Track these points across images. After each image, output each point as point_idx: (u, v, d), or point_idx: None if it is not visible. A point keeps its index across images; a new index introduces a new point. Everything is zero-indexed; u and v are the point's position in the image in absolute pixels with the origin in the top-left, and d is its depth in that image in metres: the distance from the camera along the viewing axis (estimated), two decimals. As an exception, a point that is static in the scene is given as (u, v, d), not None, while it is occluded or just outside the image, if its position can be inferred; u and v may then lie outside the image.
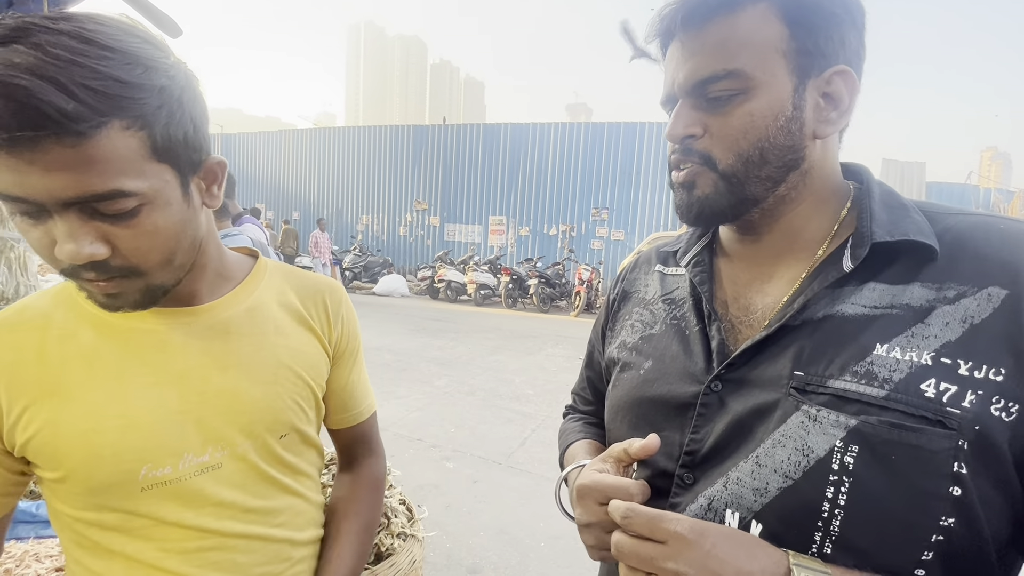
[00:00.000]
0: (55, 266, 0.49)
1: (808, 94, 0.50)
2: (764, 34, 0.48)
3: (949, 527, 0.41)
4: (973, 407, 0.41)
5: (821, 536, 0.44)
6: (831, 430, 0.44)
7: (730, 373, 0.52)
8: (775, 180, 0.52)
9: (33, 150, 0.42)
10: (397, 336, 6.91)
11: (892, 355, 0.44)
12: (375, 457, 0.81)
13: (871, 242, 0.48)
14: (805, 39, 0.48)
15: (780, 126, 0.49)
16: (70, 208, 0.45)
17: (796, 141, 0.50)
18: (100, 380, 0.55)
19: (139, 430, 0.55)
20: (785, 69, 0.49)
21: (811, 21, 0.48)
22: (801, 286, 0.51)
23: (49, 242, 0.47)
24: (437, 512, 2.63)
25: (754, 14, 0.48)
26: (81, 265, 0.47)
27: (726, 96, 0.50)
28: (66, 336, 0.56)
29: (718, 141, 0.51)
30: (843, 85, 0.50)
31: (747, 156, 0.50)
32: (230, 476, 0.60)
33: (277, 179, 16.78)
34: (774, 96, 0.49)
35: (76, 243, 0.46)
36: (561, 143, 13.14)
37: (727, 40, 0.49)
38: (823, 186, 0.54)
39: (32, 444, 0.53)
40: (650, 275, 0.69)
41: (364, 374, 0.80)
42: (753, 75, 0.48)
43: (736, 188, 0.52)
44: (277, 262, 0.74)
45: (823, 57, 0.49)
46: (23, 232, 0.48)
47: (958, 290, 0.45)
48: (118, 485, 0.54)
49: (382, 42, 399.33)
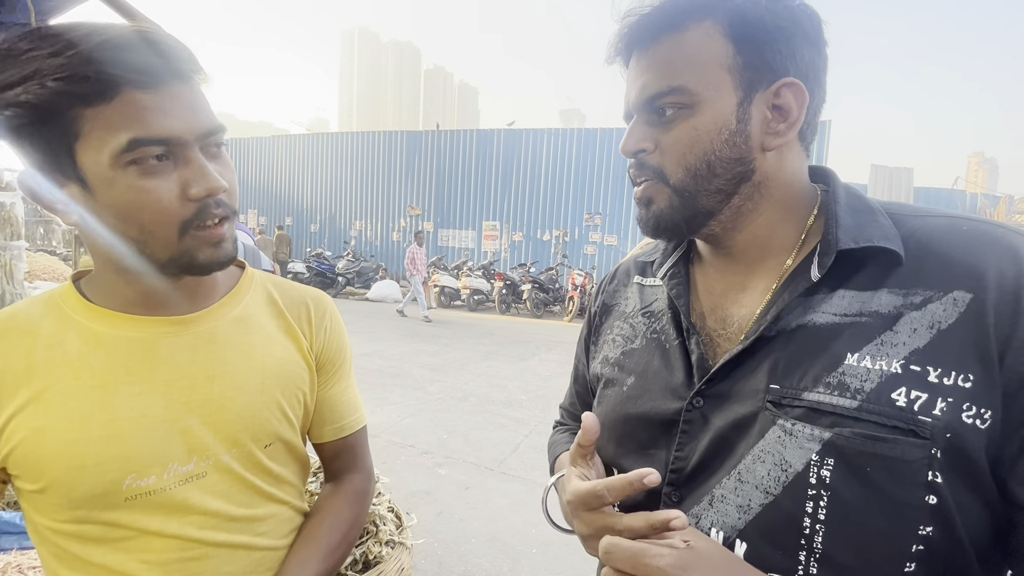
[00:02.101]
0: (183, 213, 0.53)
1: (755, 108, 0.50)
2: (709, 51, 0.49)
3: (928, 536, 0.41)
4: (944, 415, 0.41)
5: (806, 555, 0.44)
6: (806, 444, 0.44)
7: (711, 388, 0.52)
8: (726, 192, 0.52)
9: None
10: (390, 342, 6.89)
11: (863, 364, 0.44)
12: (361, 473, 0.78)
13: (837, 249, 0.48)
14: (750, 54, 0.49)
15: (724, 139, 0.50)
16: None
17: (743, 153, 0.51)
18: (86, 389, 0.55)
19: (124, 440, 0.55)
20: (730, 84, 0.49)
21: (757, 36, 0.49)
22: (773, 296, 0.52)
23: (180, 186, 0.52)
24: (429, 519, 2.62)
25: (699, 32, 0.49)
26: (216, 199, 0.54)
27: (673, 111, 0.51)
28: (54, 344, 0.55)
29: (668, 156, 0.52)
30: (792, 97, 0.50)
31: (695, 170, 0.51)
32: (214, 485, 0.60)
33: (270, 185, 16.71)
34: (718, 111, 0.50)
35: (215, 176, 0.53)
36: (554, 149, 13.20)
37: (673, 57, 0.50)
38: (784, 195, 0.54)
39: (16, 453, 0.53)
40: (629, 287, 0.69)
41: (352, 389, 0.78)
42: (697, 91, 0.49)
43: (689, 202, 0.53)
44: (263, 272, 0.74)
45: (771, 71, 0.49)
46: (147, 184, 0.51)
47: (924, 295, 0.45)
48: (101, 496, 0.54)
49: (376, 48, 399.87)
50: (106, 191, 0.50)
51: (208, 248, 0.55)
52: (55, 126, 0.48)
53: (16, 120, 0.48)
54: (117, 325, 0.57)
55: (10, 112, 0.47)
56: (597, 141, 12.77)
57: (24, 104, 0.46)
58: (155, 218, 0.52)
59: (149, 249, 0.54)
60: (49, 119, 0.48)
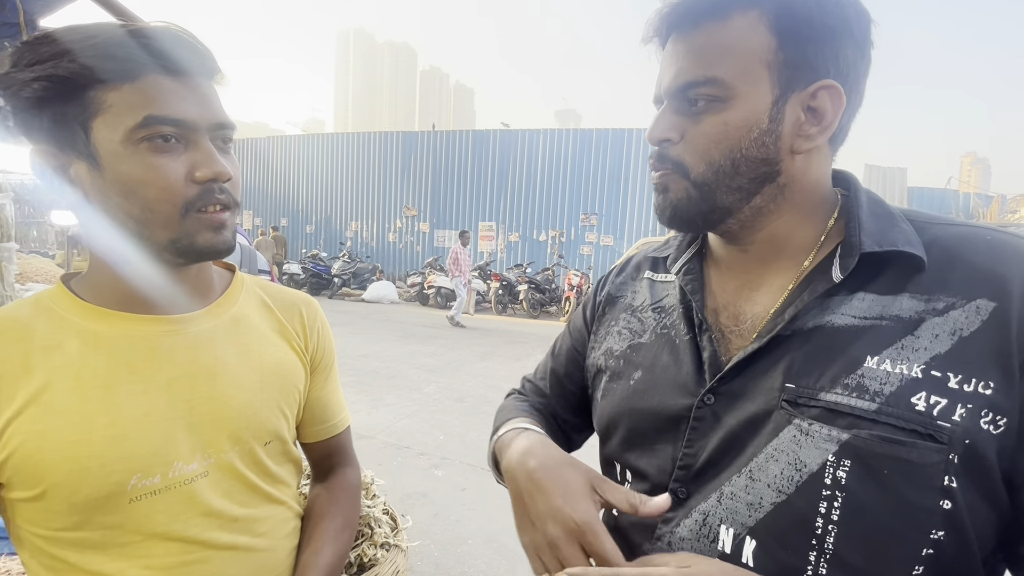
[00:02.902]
0: (187, 194, 0.54)
1: (789, 108, 0.48)
2: (750, 44, 0.47)
3: (939, 540, 0.41)
4: (963, 421, 0.41)
5: (816, 555, 0.44)
6: (823, 444, 0.44)
7: (723, 386, 0.51)
8: (748, 192, 0.51)
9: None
10: (386, 343, 6.87)
11: (883, 367, 0.44)
12: (351, 467, 0.82)
13: (860, 252, 0.47)
14: (793, 51, 0.47)
15: (754, 138, 0.48)
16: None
17: (771, 154, 0.49)
18: (88, 390, 0.54)
19: (129, 439, 0.54)
20: (768, 81, 0.48)
21: (802, 33, 0.47)
22: (790, 296, 0.51)
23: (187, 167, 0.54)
24: (425, 521, 2.61)
25: (743, 22, 0.47)
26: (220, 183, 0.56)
27: (705, 103, 0.49)
28: (51, 347, 0.54)
29: (691, 148, 0.51)
30: (828, 100, 0.48)
31: (718, 165, 0.50)
32: (217, 484, 0.60)
33: (265, 186, 16.65)
34: (751, 108, 0.48)
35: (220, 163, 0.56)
36: (550, 149, 13.21)
37: (712, 46, 0.48)
38: (806, 198, 0.53)
39: (13, 459, 0.52)
40: (639, 281, 0.68)
41: (339, 389, 0.81)
42: (732, 84, 0.48)
43: (707, 196, 0.52)
44: (252, 276, 0.75)
45: (811, 70, 0.47)
46: (157, 162, 0.53)
47: (947, 302, 0.45)
48: (105, 498, 0.53)
49: (372, 48, 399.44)
50: (115, 167, 0.52)
51: (208, 232, 0.56)
52: (77, 102, 0.51)
53: (42, 92, 0.50)
54: (117, 324, 0.57)
55: (38, 85, 0.50)
56: (593, 141, 12.78)
57: (52, 77, 0.50)
58: (159, 195, 0.53)
59: (149, 230, 0.54)
60: (72, 95, 0.51)
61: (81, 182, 0.54)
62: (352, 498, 0.79)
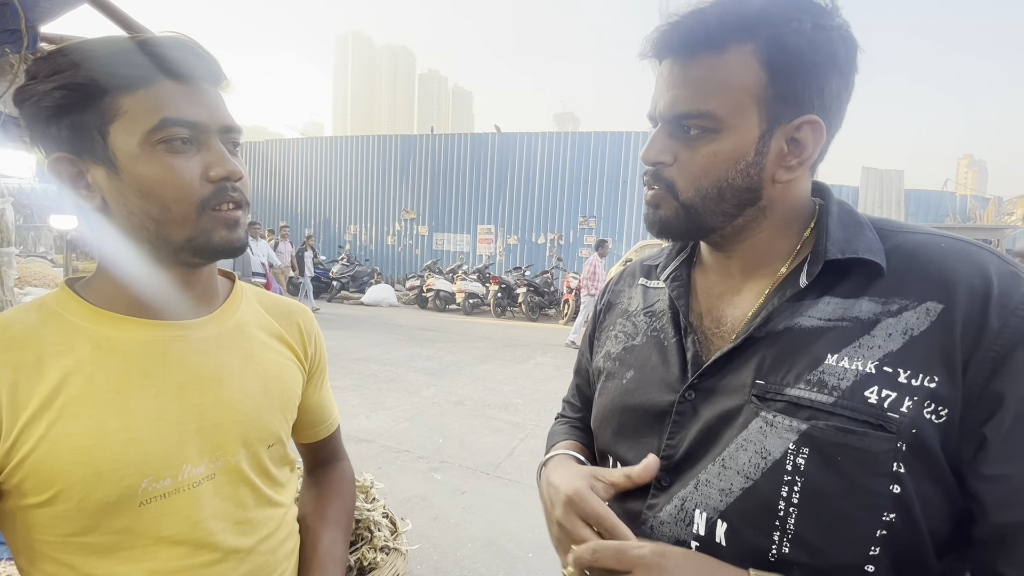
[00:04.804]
0: (202, 192, 0.56)
1: (774, 140, 0.52)
2: (743, 79, 0.50)
3: (891, 522, 0.45)
4: (910, 412, 0.45)
5: (779, 535, 0.48)
6: (785, 434, 0.48)
7: (702, 382, 0.56)
8: (731, 214, 0.55)
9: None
10: (385, 346, 6.87)
11: (841, 364, 0.48)
12: (344, 460, 0.88)
13: (824, 259, 0.51)
14: (782, 86, 0.50)
15: (740, 169, 0.52)
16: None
17: (754, 183, 0.53)
18: (101, 394, 0.55)
19: (141, 443, 0.55)
20: (756, 115, 0.51)
21: (792, 69, 0.49)
22: (765, 300, 0.56)
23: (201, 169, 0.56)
24: (424, 524, 2.61)
25: (738, 57, 0.50)
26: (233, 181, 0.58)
27: (698, 132, 0.52)
28: (63, 352, 0.55)
29: (683, 173, 0.54)
30: (810, 134, 0.51)
31: (706, 192, 0.54)
32: (223, 487, 0.61)
33: (264, 189, 16.65)
34: (740, 141, 0.51)
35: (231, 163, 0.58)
36: (549, 152, 13.24)
37: (707, 80, 0.51)
38: (785, 216, 0.57)
39: (26, 464, 0.51)
40: (634, 288, 0.73)
41: (330, 391, 0.86)
42: (724, 118, 0.51)
43: (693, 217, 0.56)
44: (247, 284, 0.77)
45: (797, 104, 0.50)
46: (173, 162, 0.55)
47: (901, 304, 0.49)
48: (116, 502, 0.54)
49: (370, 52, 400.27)
50: (133, 169, 0.54)
51: (223, 230, 0.58)
52: (94, 109, 0.53)
53: (62, 100, 0.53)
54: (127, 329, 0.58)
55: (58, 94, 0.52)
56: (591, 145, 12.82)
57: (70, 86, 0.52)
58: (176, 195, 0.55)
59: (167, 230, 0.56)
60: (90, 102, 0.53)
61: (99, 187, 0.56)
62: (349, 485, 0.85)
